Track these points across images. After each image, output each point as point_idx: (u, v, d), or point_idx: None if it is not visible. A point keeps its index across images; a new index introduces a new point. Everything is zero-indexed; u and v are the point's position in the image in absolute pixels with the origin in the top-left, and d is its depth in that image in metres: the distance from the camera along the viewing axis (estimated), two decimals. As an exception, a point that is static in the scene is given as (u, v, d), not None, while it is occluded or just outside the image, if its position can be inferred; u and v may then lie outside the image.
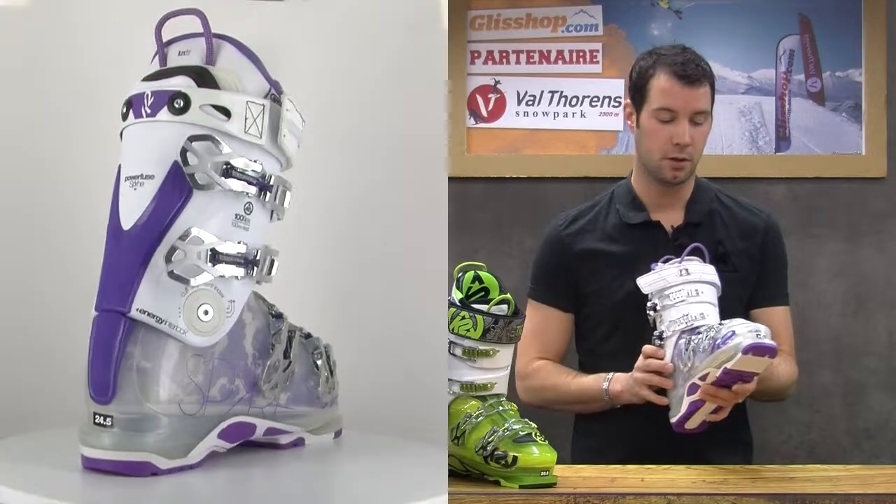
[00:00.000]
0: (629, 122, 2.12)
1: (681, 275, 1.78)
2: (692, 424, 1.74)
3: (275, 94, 1.33)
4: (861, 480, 1.62)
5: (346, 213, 1.65)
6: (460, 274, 1.57)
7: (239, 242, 1.29)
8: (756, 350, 1.61)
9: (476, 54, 2.59)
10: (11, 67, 1.64)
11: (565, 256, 2.12)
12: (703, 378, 1.68)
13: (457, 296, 1.56)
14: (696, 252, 1.81)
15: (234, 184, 1.27)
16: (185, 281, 1.24)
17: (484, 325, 1.52)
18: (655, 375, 1.79)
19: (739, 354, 1.61)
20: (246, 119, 1.28)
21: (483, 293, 1.56)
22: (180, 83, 1.27)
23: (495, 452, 1.49)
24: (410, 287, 1.62)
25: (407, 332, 1.56)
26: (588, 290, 2.09)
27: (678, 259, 1.80)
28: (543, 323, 2.12)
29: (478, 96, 2.59)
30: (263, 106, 1.30)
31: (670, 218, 2.10)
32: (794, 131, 2.59)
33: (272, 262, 1.35)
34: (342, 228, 1.65)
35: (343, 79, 1.62)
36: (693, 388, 1.71)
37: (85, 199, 1.64)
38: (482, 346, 1.53)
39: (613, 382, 1.95)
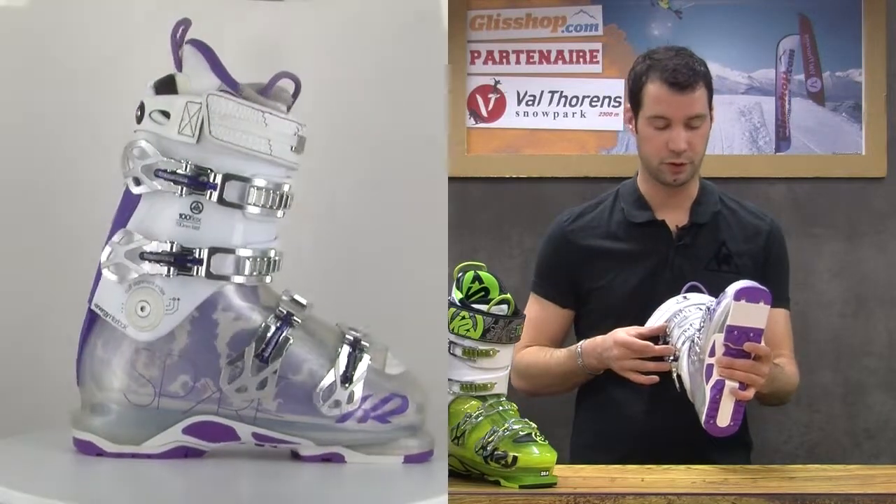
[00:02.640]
0: (629, 126, 2.13)
1: (678, 302, 1.80)
2: (723, 418, 1.67)
3: (225, 90, 1.33)
4: (861, 480, 1.63)
5: (345, 212, 1.65)
6: (460, 274, 1.57)
7: (168, 241, 1.33)
8: (749, 294, 1.60)
9: (476, 54, 2.59)
10: (11, 67, 1.64)
11: (569, 253, 2.12)
12: (712, 353, 1.65)
13: (457, 296, 1.56)
14: (695, 289, 1.84)
15: (161, 184, 1.33)
16: (117, 278, 1.34)
17: (484, 325, 1.52)
18: (649, 361, 1.81)
19: (732, 302, 1.60)
20: (181, 120, 1.32)
21: (483, 293, 1.56)
22: (145, 93, 1.35)
23: (495, 452, 1.49)
24: (410, 287, 1.62)
25: (407, 332, 1.56)
26: (590, 287, 2.09)
27: (675, 298, 1.83)
28: (541, 315, 2.13)
29: (478, 96, 2.59)
30: (200, 104, 1.32)
31: (675, 218, 2.10)
32: (794, 131, 2.59)
33: (248, 261, 1.35)
34: (342, 228, 1.65)
35: (343, 79, 1.62)
36: (709, 371, 1.66)
37: (84, 199, 1.64)
38: (482, 346, 1.53)
39: (587, 356, 1.97)
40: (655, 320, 1.83)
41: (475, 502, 1.43)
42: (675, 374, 1.77)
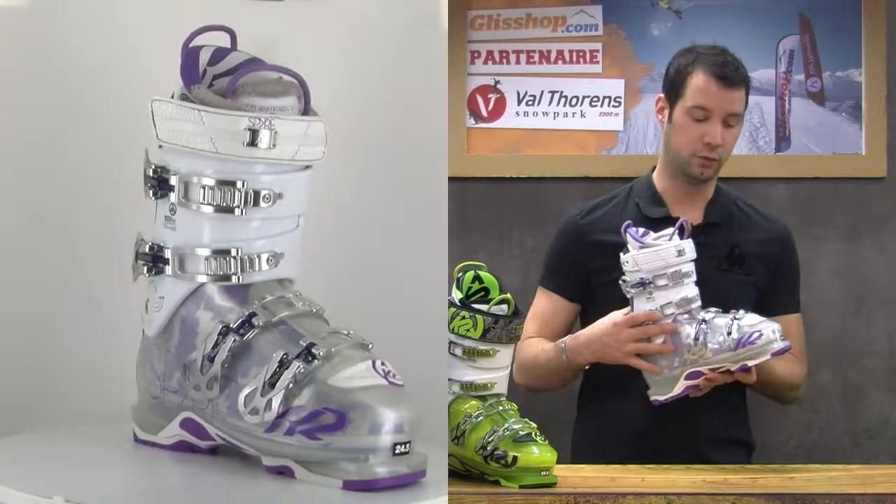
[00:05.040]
0: (659, 117, 2.14)
1: (677, 255, 1.79)
2: (668, 400, 1.80)
3: (184, 93, 1.35)
4: (861, 480, 1.63)
5: (345, 213, 1.65)
6: (460, 274, 1.57)
7: (152, 242, 1.39)
8: (780, 353, 1.73)
9: (476, 54, 2.59)
10: (12, 67, 1.64)
11: (580, 246, 2.12)
12: (713, 369, 1.74)
13: (457, 296, 1.56)
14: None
15: (146, 189, 1.38)
16: (132, 278, 1.42)
17: (484, 325, 1.52)
18: (652, 344, 1.78)
19: (768, 357, 1.71)
20: (157, 125, 1.37)
21: (483, 293, 1.56)
22: None
23: (495, 452, 1.49)
24: (410, 287, 1.62)
25: (407, 332, 1.56)
26: (599, 281, 2.07)
27: (666, 233, 1.81)
28: (547, 308, 2.12)
29: (478, 96, 2.59)
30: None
31: (690, 216, 2.08)
32: (794, 131, 2.59)
33: (213, 260, 1.35)
34: (342, 228, 1.65)
35: (343, 79, 1.62)
36: (695, 375, 1.75)
37: (83, 198, 1.64)
38: (482, 346, 1.53)
39: (572, 352, 1.93)
40: (648, 260, 1.80)
41: (475, 502, 1.43)
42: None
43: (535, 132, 2.59)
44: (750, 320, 1.74)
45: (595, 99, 2.58)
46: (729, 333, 1.72)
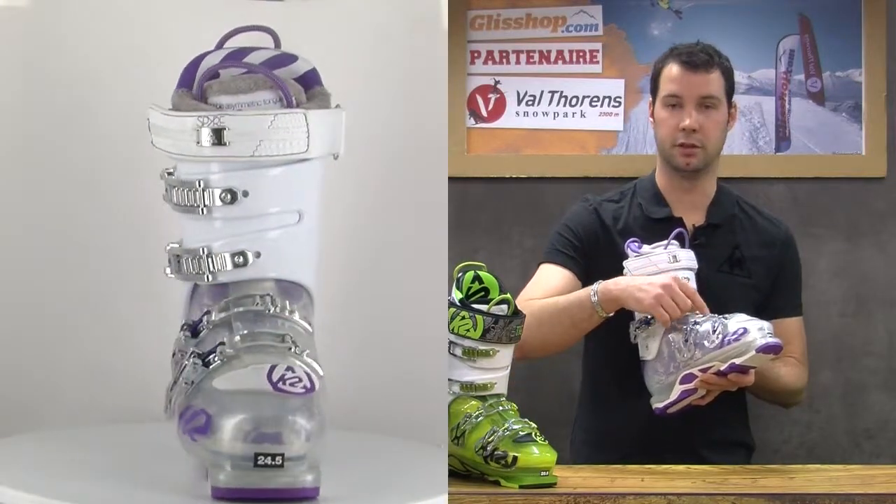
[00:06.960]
0: (650, 120, 2.15)
1: (671, 261, 1.81)
2: (675, 409, 1.80)
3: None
4: (861, 480, 1.63)
5: (345, 213, 1.65)
6: (460, 274, 1.57)
7: (168, 243, 1.38)
8: (767, 349, 1.69)
9: (476, 54, 2.59)
10: (11, 67, 1.64)
11: (595, 226, 2.10)
12: (703, 370, 1.74)
13: (457, 296, 1.56)
14: (676, 237, 1.88)
15: (164, 194, 1.38)
16: None
17: (484, 325, 1.52)
18: (677, 305, 1.78)
19: (753, 352, 1.69)
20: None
21: (483, 293, 1.56)
22: None
23: (495, 452, 1.49)
24: (410, 287, 1.62)
25: (407, 332, 1.56)
26: (600, 271, 2.05)
27: (662, 243, 1.84)
28: (555, 279, 2.06)
29: (478, 96, 2.59)
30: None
31: (692, 217, 2.10)
32: (794, 131, 2.59)
33: (185, 259, 1.35)
34: (341, 228, 1.65)
35: (343, 79, 1.62)
36: (689, 378, 1.76)
37: (84, 198, 1.64)
38: (482, 346, 1.53)
39: (604, 292, 1.87)
40: (639, 267, 1.85)
41: (475, 502, 1.43)
42: (633, 332, 1.84)
43: (535, 132, 2.59)
44: (737, 319, 1.74)
45: (595, 99, 2.59)
46: (715, 332, 1.73)
